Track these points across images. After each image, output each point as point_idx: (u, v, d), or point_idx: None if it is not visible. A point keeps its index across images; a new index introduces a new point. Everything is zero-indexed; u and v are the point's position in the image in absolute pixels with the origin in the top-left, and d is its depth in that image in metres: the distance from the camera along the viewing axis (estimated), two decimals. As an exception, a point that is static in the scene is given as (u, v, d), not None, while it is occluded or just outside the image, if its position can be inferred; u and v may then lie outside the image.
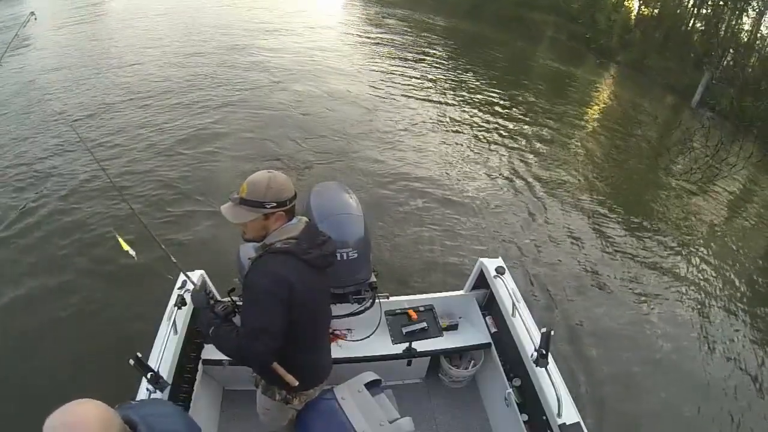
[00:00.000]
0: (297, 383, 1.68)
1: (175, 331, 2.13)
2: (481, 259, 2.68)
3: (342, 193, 2.47)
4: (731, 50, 15.21)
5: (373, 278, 2.38)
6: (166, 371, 1.94)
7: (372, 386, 2.11)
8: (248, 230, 1.59)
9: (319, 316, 1.74)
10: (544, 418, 2.02)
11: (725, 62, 15.00)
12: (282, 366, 1.65)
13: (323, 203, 2.35)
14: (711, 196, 7.66)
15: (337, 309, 2.29)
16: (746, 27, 15.56)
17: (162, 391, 1.81)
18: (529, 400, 2.19)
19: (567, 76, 13.99)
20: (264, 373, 1.75)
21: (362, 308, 2.36)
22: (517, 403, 2.27)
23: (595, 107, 11.99)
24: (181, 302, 2.18)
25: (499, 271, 2.54)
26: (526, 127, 8.75)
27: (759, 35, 15.19)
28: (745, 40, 15.36)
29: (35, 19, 3.34)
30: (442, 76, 10.86)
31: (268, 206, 1.52)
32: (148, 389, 1.78)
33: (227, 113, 7.18)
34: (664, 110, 12.87)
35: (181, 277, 2.32)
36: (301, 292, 1.51)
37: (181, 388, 2.13)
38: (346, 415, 1.92)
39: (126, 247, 1.91)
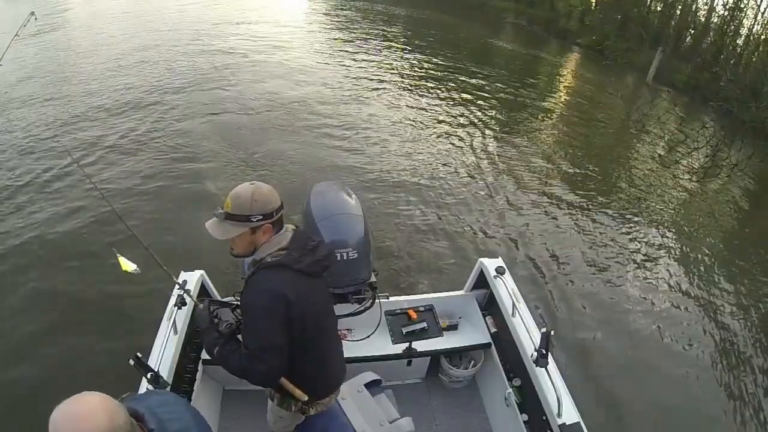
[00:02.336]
0: (306, 398, 1.65)
1: (175, 331, 2.13)
2: (481, 259, 2.68)
3: (342, 193, 2.47)
4: (691, 29, 15.99)
5: (373, 278, 2.37)
6: (166, 371, 1.94)
7: (372, 386, 2.12)
8: (236, 246, 1.54)
9: (323, 325, 1.67)
10: (544, 418, 2.02)
11: (683, 41, 15.88)
12: (293, 379, 1.62)
13: (323, 203, 2.34)
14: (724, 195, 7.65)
15: (337, 309, 2.27)
16: (701, 8, 16.32)
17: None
18: (529, 400, 2.19)
19: (536, 61, 14.37)
20: (276, 388, 1.71)
21: (362, 308, 2.35)
22: (517, 403, 2.27)
23: (574, 95, 12.09)
24: (181, 302, 2.18)
25: (499, 271, 2.54)
26: (515, 120, 8.79)
27: (714, 15, 15.88)
28: (702, 20, 16.11)
29: (35, 18, 3.31)
30: (419, 69, 10.89)
31: (255, 219, 1.47)
32: (148, 389, 1.79)
33: (213, 114, 7.19)
34: (626, 88, 13.15)
35: (181, 277, 2.33)
36: (299, 305, 1.47)
37: (181, 388, 2.13)
38: (347, 415, 1.92)
39: (125, 266, 1.81)
